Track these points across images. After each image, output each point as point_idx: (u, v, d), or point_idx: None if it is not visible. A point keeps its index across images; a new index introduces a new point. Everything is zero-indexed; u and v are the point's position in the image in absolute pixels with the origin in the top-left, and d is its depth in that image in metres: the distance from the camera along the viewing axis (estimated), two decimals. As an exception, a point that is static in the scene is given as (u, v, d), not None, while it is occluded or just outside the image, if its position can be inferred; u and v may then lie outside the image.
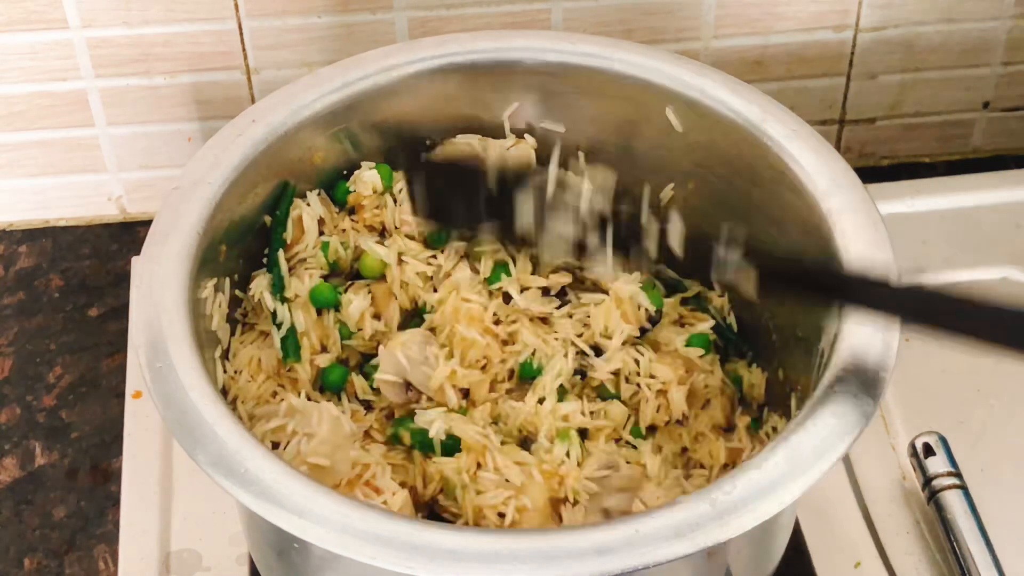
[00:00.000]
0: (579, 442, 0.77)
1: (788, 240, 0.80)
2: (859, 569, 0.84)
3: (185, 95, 1.04)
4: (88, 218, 1.10)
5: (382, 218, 0.86)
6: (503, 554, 0.62)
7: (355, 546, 0.62)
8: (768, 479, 0.64)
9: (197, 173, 0.79)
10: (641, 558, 0.62)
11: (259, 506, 0.64)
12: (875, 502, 0.88)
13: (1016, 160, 1.15)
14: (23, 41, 1.00)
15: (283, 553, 0.72)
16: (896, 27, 1.07)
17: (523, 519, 0.72)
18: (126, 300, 1.01)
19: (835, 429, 0.66)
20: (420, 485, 0.76)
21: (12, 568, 0.87)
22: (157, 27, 1.00)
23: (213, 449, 0.65)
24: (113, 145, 1.06)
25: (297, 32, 1.01)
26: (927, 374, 0.95)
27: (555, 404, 0.78)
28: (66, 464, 0.92)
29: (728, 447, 0.80)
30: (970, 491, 0.84)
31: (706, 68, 0.84)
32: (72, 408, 0.96)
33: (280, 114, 0.82)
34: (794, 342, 0.80)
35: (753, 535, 0.64)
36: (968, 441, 0.91)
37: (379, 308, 0.83)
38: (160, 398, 0.68)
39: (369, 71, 0.85)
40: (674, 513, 0.63)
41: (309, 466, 0.72)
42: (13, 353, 0.99)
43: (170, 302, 0.72)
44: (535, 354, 0.80)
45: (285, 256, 0.83)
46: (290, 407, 0.75)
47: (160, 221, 0.76)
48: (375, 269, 0.84)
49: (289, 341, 0.80)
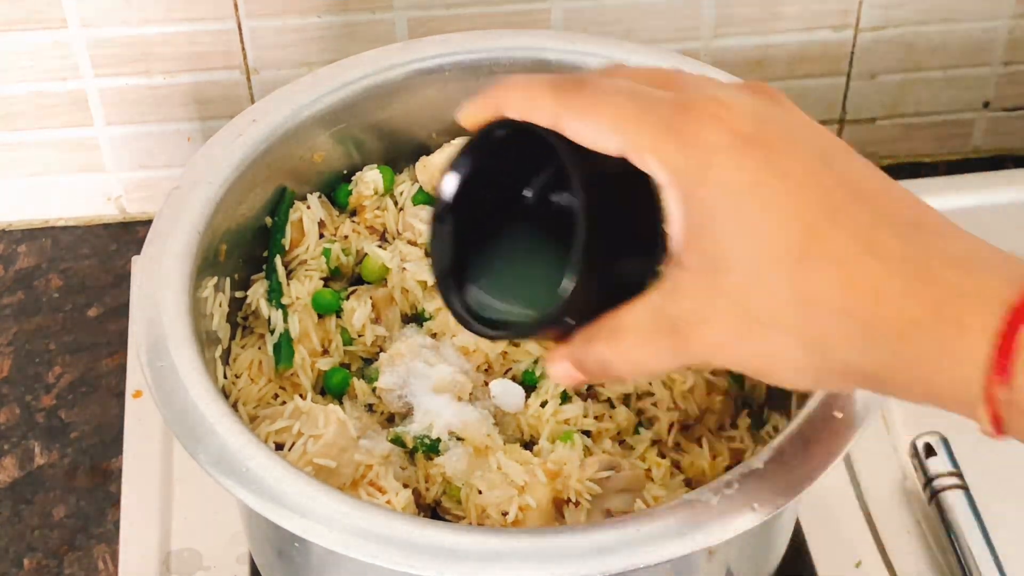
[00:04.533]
0: (582, 443, 0.77)
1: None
2: (860, 569, 0.84)
3: (184, 95, 1.04)
4: (88, 218, 1.10)
5: (383, 220, 0.86)
6: (504, 553, 0.62)
7: (356, 545, 0.62)
8: (769, 479, 0.64)
9: (197, 173, 0.79)
10: (642, 558, 0.62)
11: (260, 505, 0.63)
12: (876, 502, 0.88)
13: (1016, 160, 1.15)
14: (23, 41, 1.00)
15: (284, 552, 0.72)
16: (896, 27, 1.07)
17: (526, 518, 0.72)
18: (126, 300, 1.01)
19: (835, 429, 0.66)
20: (422, 488, 0.76)
21: (12, 568, 0.87)
22: (156, 27, 1.00)
23: (214, 448, 0.65)
24: (112, 145, 1.06)
25: (297, 32, 1.01)
26: (927, 374, 0.95)
27: (557, 407, 0.78)
28: (66, 464, 0.92)
29: (730, 447, 0.80)
30: (971, 491, 0.84)
31: (706, 68, 0.84)
32: (72, 408, 0.96)
33: (280, 114, 0.82)
34: (795, 342, 0.80)
35: (754, 535, 0.64)
36: (969, 441, 0.90)
37: (379, 313, 0.83)
38: (161, 397, 0.68)
39: (369, 71, 0.85)
40: (675, 513, 0.63)
41: (315, 467, 0.71)
42: (12, 353, 0.99)
43: (171, 301, 0.72)
44: (537, 362, 0.80)
45: (285, 259, 0.83)
46: (296, 408, 0.75)
47: (160, 221, 0.76)
48: (377, 273, 0.84)
49: (283, 347, 0.80)
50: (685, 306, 0.54)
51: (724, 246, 0.53)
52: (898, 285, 0.50)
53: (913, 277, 0.50)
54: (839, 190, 0.52)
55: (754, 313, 0.53)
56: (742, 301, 0.53)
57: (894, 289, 0.50)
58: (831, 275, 0.51)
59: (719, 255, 0.53)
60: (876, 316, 0.50)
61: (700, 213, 0.53)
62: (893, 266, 0.50)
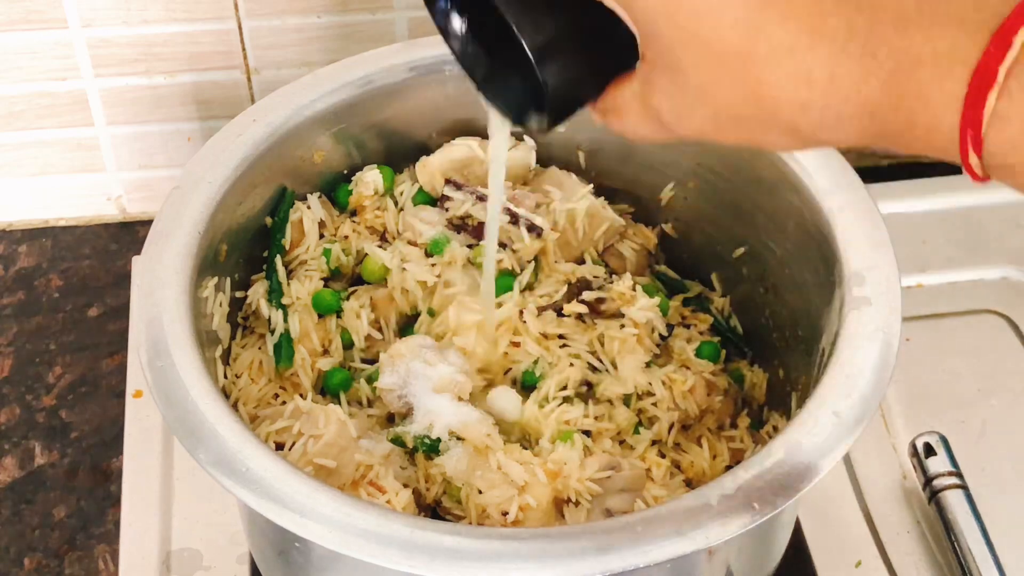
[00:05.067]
0: (582, 443, 0.77)
1: (788, 240, 0.80)
2: (859, 569, 0.84)
3: (185, 95, 1.04)
4: (88, 218, 1.10)
5: (383, 220, 0.86)
6: (504, 553, 0.62)
7: (356, 545, 0.62)
8: (769, 479, 0.64)
9: (197, 173, 0.79)
10: (642, 557, 0.62)
11: (260, 505, 0.63)
12: (876, 502, 0.88)
13: (1016, 160, 1.15)
14: (23, 41, 1.00)
15: (284, 552, 0.72)
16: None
17: (527, 518, 0.72)
18: (126, 300, 1.01)
19: (835, 429, 0.66)
20: (422, 488, 0.76)
21: (12, 568, 0.87)
22: (157, 27, 1.00)
23: (214, 448, 0.65)
24: (113, 145, 1.06)
25: (297, 32, 1.01)
26: (927, 374, 0.95)
27: (557, 408, 0.78)
28: (66, 464, 0.92)
29: (730, 447, 0.80)
30: (971, 491, 0.84)
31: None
32: (72, 408, 0.96)
33: (280, 114, 0.82)
34: (794, 342, 0.80)
35: (754, 534, 0.64)
36: (969, 441, 0.91)
37: (379, 313, 0.83)
38: (161, 397, 0.68)
39: (369, 71, 0.85)
40: (675, 512, 0.63)
41: (315, 467, 0.72)
42: (13, 353, 0.99)
43: (171, 301, 0.72)
44: (537, 362, 0.80)
45: (286, 259, 0.83)
46: (296, 408, 0.75)
47: (161, 220, 0.76)
48: (377, 273, 0.84)
49: (283, 347, 0.80)
50: (660, 101, 0.54)
51: (676, 53, 0.52)
52: (852, 68, 0.48)
53: (865, 54, 0.47)
54: None
55: (722, 111, 0.52)
56: (708, 101, 0.52)
57: (849, 73, 0.48)
58: (783, 71, 0.49)
59: (673, 61, 0.52)
60: (836, 104, 0.48)
61: (644, 22, 0.52)
62: (840, 46, 0.48)
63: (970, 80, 0.46)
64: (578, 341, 0.81)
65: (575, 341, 0.81)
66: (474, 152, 0.86)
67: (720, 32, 0.49)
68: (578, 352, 0.81)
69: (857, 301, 0.72)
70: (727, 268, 0.87)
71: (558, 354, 0.80)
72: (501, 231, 0.82)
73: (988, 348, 0.97)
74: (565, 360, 0.80)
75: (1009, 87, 0.45)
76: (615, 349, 0.81)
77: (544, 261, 0.84)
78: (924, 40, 0.46)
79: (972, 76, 0.46)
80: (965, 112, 0.46)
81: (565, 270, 0.84)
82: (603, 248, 0.87)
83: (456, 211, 0.84)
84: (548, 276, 0.84)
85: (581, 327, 0.82)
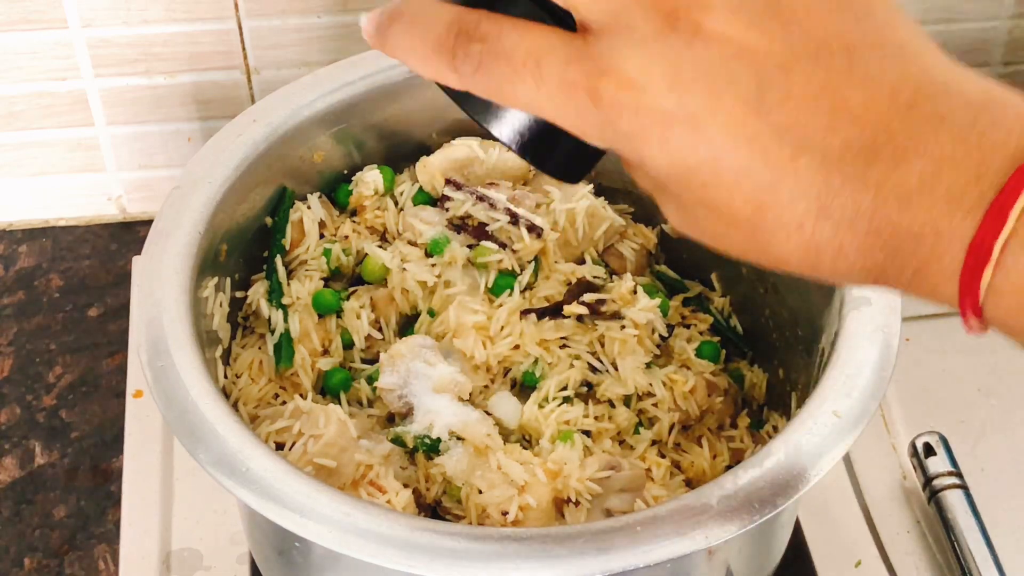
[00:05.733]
0: (582, 443, 0.77)
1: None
2: (859, 569, 0.84)
3: (185, 95, 1.04)
4: (88, 218, 1.10)
5: (383, 220, 0.86)
6: (504, 553, 0.62)
7: (356, 544, 0.62)
8: (769, 478, 0.64)
9: (197, 173, 0.79)
10: (642, 557, 0.62)
11: (261, 505, 0.64)
12: (875, 502, 0.88)
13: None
14: (23, 41, 1.00)
15: (284, 552, 0.72)
16: (896, 27, 1.07)
17: (527, 518, 0.72)
18: (126, 300, 1.01)
19: (835, 429, 0.66)
20: (423, 488, 0.76)
21: (12, 568, 0.87)
22: (157, 27, 1.00)
23: (214, 448, 0.65)
24: (113, 145, 1.06)
25: (297, 32, 1.01)
26: (927, 374, 0.95)
27: (557, 408, 0.78)
28: (66, 464, 0.92)
29: (730, 447, 0.80)
30: (971, 491, 0.84)
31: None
32: (72, 408, 0.96)
33: (280, 114, 0.82)
34: (794, 341, 0.80)
35: (753, 534, 0.65)
36: (968, 441, 0.91)
37: (379, 313, 0.83)
38: (161, 397, 0.68)
39: (369, 71, 0.85)
40: (675, 512, 0.63)
41: (315, 467, 0.72)
42: (13, 353, 0.99)
43: (171, 301, 0.72)
44: (537, 363, 0.80)
45: (286, 259, 0.83)
46: (296, 408, 0.75)
47: (161, 220, 0.76)
48: (377, 273, 0.84)
49: (283, 347, 0.80)
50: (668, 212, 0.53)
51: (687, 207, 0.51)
52: (858, 243, 0.48)
53: (870, 232, 0.47)
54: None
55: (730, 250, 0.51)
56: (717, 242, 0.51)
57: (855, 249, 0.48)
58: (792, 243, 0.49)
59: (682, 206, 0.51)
60: (843, 270, 0.49)
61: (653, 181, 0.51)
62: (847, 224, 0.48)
63: (965, 259, 0.46)
64: (578, 342, 0.81)
65: (575, 342, 0.81)
66: (474, 152, 0.86)
67: (731, 205, 0.50)
68: (578, 353, 0.81)
69: (857, 301, 0.72)
70: (727, 268, 0.87)
71: (558, 355, 0.81)
72: (501, 231, 0.83)
73: (988, 348, 0.97)
74: (565, 361, 0.80)
75: (1004, 262, 0.46)
76: (615, 350, 0.81)
77: (544, 261, 0.84)
78: (925, 219, 0.47)
79: (967, 253, 0.46)
80: (962, 286, 0.47)
81: (565, 270, 0.84)
82: (603, 248, 0.87)
83: (456, 211, 0.84)
84: (548, 276, 0.84)
85: (581, 328, 0.82)
